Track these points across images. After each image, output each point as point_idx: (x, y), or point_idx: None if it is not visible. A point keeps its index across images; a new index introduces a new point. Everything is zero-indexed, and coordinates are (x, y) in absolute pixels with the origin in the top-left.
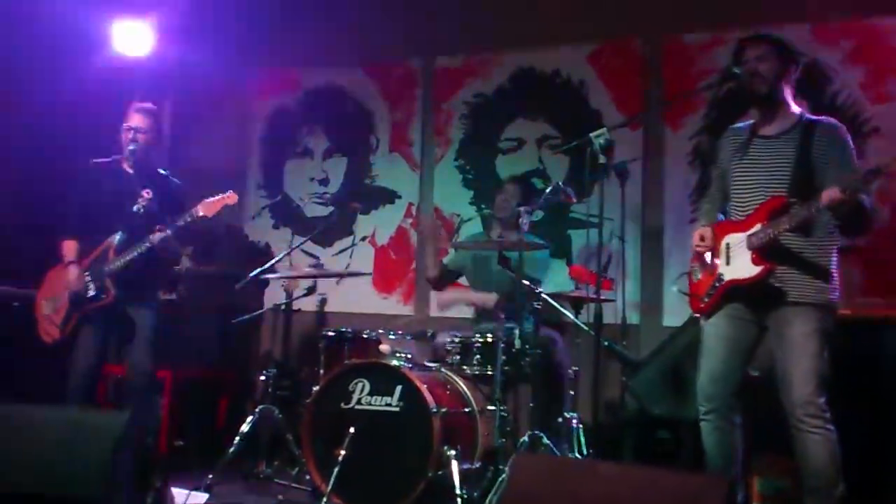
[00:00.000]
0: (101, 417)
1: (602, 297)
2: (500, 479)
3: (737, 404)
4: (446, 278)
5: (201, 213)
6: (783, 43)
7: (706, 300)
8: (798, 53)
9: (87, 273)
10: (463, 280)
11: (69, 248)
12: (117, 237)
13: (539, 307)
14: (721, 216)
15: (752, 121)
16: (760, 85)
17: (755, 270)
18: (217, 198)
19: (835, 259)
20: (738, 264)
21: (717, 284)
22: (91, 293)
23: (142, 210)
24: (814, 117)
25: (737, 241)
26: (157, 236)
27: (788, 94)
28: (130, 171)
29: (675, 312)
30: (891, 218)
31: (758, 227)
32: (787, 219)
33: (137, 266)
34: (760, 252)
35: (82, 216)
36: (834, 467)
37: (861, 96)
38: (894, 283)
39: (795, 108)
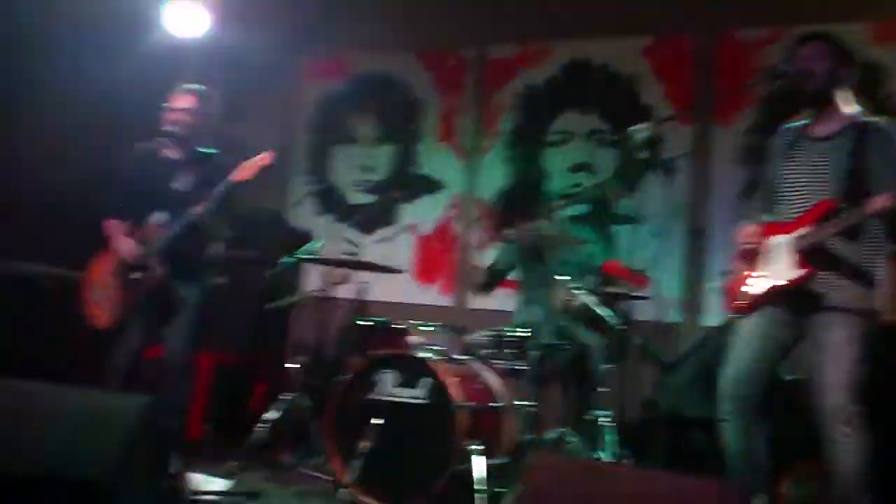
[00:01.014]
0: (119, 400)
1: (637, 294)
2: (524, 474)
3: (762, 407)
4: (494, 279)
5: (238, 178)
6: (839, 42)
7: (744, 300)
8: (854, 54)
9: (138, 251)
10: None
11: (114, 224)
12: (160, 217)
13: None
14: (769, 217)
15: (804, 121)
16: (811, 84)
17: (797, 273)
18: (252, 160)
19: (882, 265)
20: (781, 266)
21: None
22: (140, 275)
23: (183, 188)
24: (867, 119)
25: (781, 243)
26: (198, 208)
27: (842, 94)
28: (173, 151)
29: (716, 312)
30: None
31: (804, 230)
32: (833, 223)
33: (183, 243)
34: (804, 255)
35: (126, 201)
36: (862, 477)
37: None
38: None
39: (849, 109)
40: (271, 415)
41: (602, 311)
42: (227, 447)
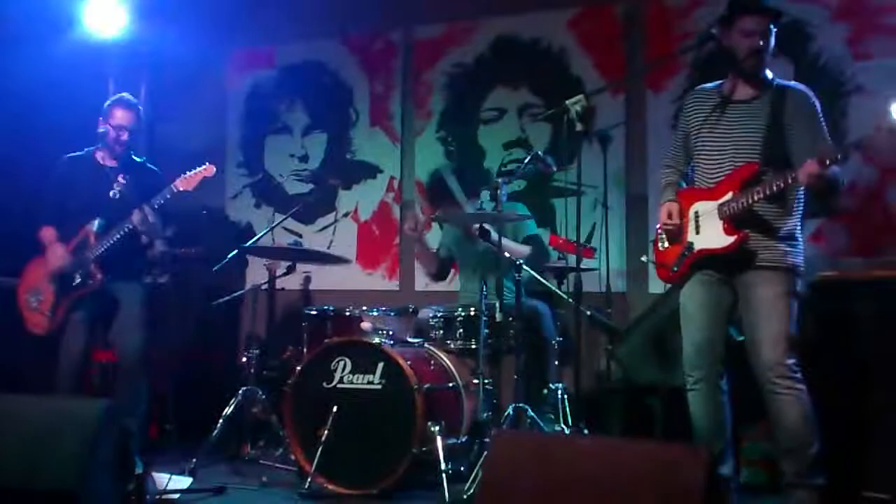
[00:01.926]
0: (78, 406)
1: (583, 266)
2: (486, 453)
3: (724, 371)
4: (445, 267)
5: (180, 188)
6: (776, 11)
7: (675, 269)
8: (781, 15)
9: (71, 259)
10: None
11: (48, 232)
12: (96, 223)
13: (519, 278)
14: (682, 183)
15: (720, 82)
16: (755, 60)
17: (729, 240)
18: (194, 171)
19: (800, 223)
20: (710, 233)
21: (687, 253)
22: (77, 280)
23: (118, 195)
24: (784, 82)
25: (706, 210)
26: (136, 216)
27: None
28: (106, 161)
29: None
30: (875, 180)
31: (729, 195)
32: (761, 188)
33: (121, 248)
34: (732, 221)
35: (59, 210)
36: (807, 427)
37: (845, 54)
38: (878, 243)
39: (767, 73)
40: (228, 410)
41: (551, 285)
42: (187, 444)
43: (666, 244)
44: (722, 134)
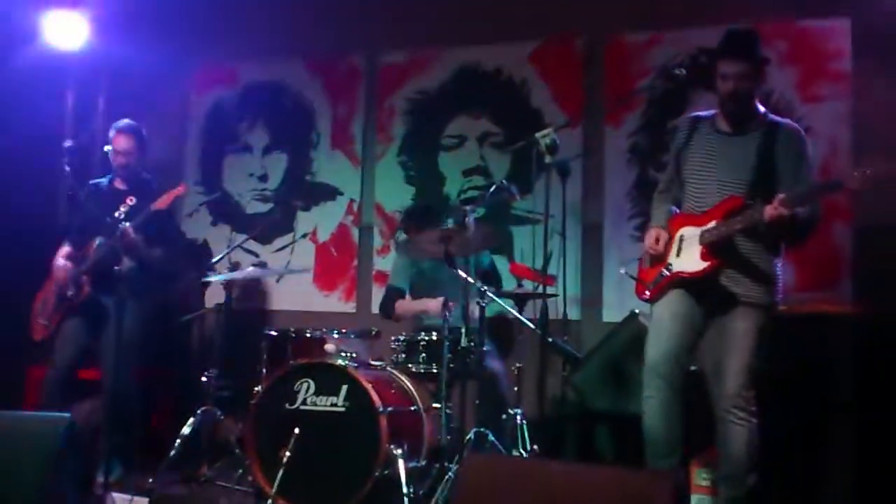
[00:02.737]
0: (40, 423)
1: (547, 294)
2: (447, 476)
3: (681, 386)
4: (392, 300)
5: (155, 208)
6: (763, 59)
7: (651, 287)
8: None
9: (71, 273)
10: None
11: (62, 249)
12: (97, 240)
13: (484, 304)
14: (674, 208)
15: (713, 112)
16: (738, 104)
17: (702, 265)
18: (168, 193)
19: (779, 262)
20: (688, 257)
21: (665, 273)
22: (70, 292)
23: (122, 215)
24: (777, 118)
25: (690, 235)
26: (120, 232)
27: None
28: (121, 183)
29: (614, 307)
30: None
31: (712, 223)
32: (740, 220)
33: (112, 263)
34: (710, 248)
35: (79, 233)
36: (750, 457)
37: (793, 96)
38: (824, 279)
39: (759, 107)
40: (186, 429)
41: (512, 311)
42: (141, 465)
43: (649, 263)
44: (712, 163)
